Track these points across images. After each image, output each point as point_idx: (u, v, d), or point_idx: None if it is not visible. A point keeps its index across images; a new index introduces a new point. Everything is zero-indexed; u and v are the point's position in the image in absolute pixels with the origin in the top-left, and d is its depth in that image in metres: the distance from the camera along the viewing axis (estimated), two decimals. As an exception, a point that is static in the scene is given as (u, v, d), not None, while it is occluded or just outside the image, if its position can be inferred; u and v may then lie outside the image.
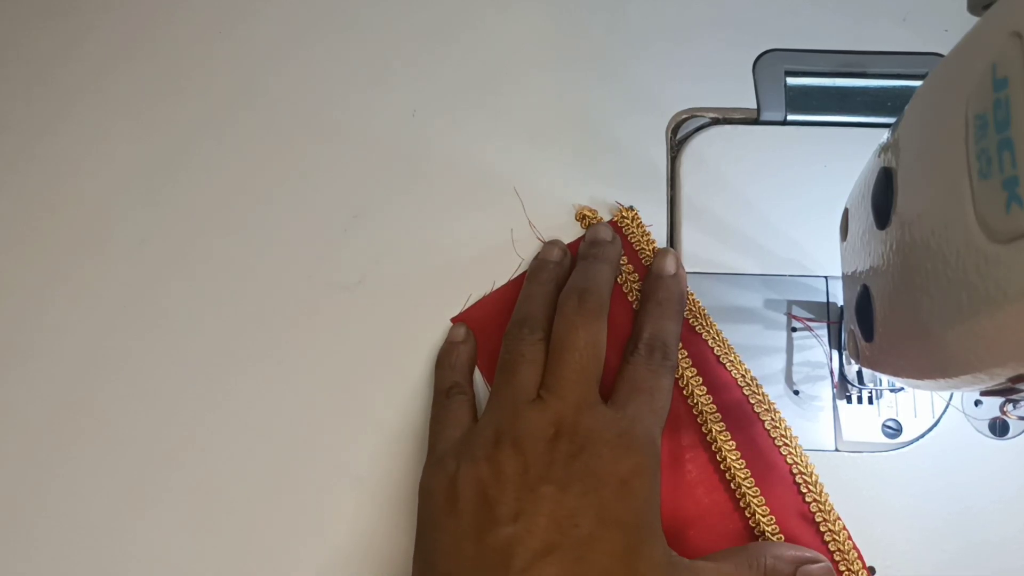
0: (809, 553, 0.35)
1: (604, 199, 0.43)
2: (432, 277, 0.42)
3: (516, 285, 0.41)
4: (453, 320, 0.41)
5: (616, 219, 0.42)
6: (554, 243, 0.41)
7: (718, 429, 0.37)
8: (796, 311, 0.40)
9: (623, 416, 0.35)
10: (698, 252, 0.42)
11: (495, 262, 0.42)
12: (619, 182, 0.43)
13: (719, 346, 0.39)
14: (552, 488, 0.33)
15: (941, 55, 0.44)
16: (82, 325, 0.42)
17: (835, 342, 0.40)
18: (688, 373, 0.38)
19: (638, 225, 0.42)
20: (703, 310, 0.40)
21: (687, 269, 0.41)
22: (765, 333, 0.40)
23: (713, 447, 0.38)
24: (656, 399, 0.36)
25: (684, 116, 0.45)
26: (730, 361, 0.39)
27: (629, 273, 0.41)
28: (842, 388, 0.39)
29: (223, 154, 0.45)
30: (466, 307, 0.41)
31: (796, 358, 0.40)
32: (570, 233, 0.42)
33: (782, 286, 0.41)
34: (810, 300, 0.40)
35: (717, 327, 0.40)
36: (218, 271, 0.43)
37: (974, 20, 0.23)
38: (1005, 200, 0.20)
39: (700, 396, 0.38)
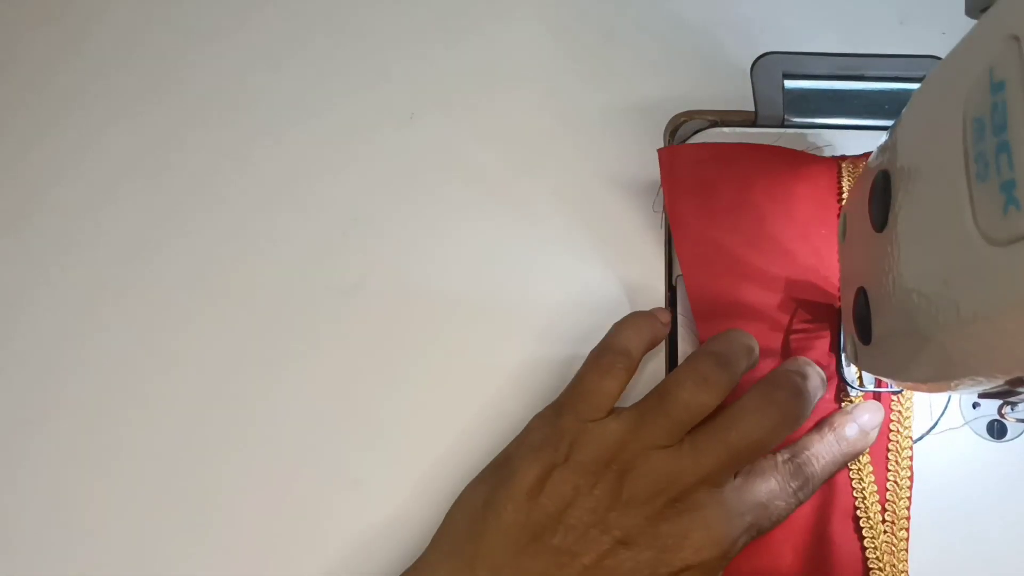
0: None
1: (603, 200, 0.43)
2: (431, 280, 0.42)
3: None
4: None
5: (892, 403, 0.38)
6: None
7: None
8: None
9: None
10: (696, 255, 0.42)
11: (494, 263, 0.42)
12: (618, 184, 0.43)
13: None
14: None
15: (939, 58, 0.44)
16: (80, 328, 0.42)
17: (834, 344, 0.40)
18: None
19: (908, 414, 0.38)
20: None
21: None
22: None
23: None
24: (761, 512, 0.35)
25: (682, 119, 0.45)
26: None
27: (862, 468, 0.38)
28: (841, 390, 0.39)
29: (222, 157, 0.45)
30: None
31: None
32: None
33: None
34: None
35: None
36: (217, 275, 0.43)
37: (971, 23, 0.23)
38: (1002, 203, 0.20)
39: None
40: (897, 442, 0.38)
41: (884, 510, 0.37)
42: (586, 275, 0.42)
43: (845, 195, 0.40)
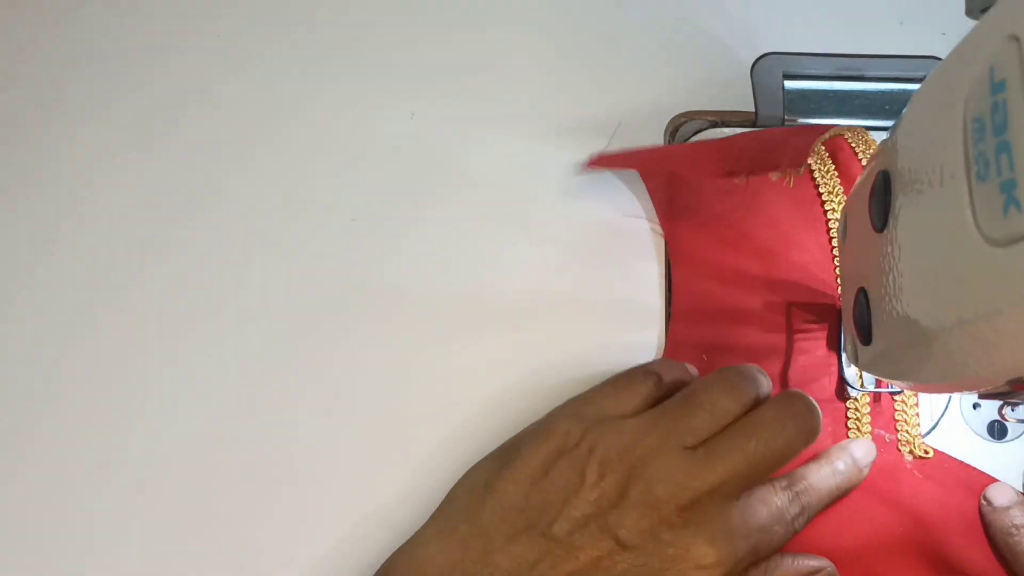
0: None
1: (602, 201, 0.43)
2: (430, 279, 0.42)
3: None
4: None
5: None
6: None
7: None
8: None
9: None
10: (697, 255, 0.42)
11: (494, 263, 0.42)
12: (618, 185, 0.43)
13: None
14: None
15: (939, 58, 0.44)
16: (82, 326, 0.42)
17: (835, 344, 0.40)
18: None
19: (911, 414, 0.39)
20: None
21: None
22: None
23: None
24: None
25: (683, 119, 0.45)
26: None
27: None
28: (842, 390, 0.39)
29: (222, 157, 0.45)
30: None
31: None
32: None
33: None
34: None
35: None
36: (217, 273, 0.43)
37: (972, 23, 0.23)
38: (1003, 203, 0.20)
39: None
40: (908, 442, 0.38)
41: None
42: (587, 275, 0.42)
43: (816, 175, 0.41)
